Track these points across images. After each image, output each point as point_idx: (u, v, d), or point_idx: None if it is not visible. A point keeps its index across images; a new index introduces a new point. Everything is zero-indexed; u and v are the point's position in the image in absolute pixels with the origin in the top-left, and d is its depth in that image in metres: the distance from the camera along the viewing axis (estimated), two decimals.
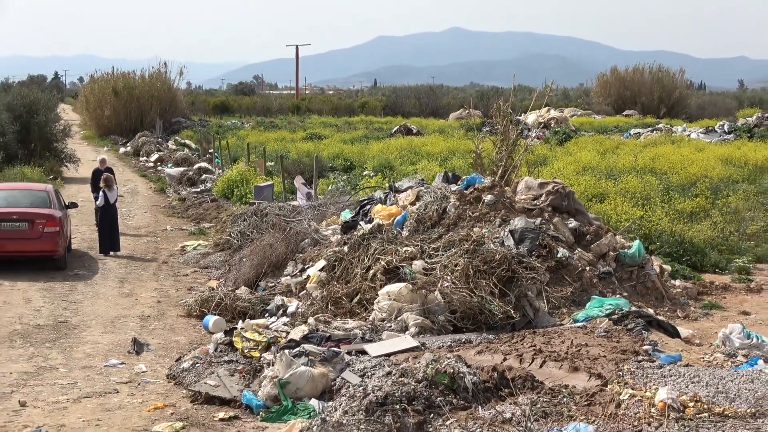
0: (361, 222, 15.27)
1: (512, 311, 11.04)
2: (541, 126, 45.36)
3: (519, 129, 18.56)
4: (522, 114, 26.58)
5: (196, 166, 32.42)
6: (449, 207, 14.10)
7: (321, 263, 13.57)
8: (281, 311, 12.63)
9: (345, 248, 13.44)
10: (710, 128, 42.78)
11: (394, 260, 12.33)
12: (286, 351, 9.58)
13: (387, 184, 18.56)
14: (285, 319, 12.07)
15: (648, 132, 42.13)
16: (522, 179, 15.35)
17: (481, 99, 65.22)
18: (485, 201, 13.99)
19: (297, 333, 10.77)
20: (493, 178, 15.38)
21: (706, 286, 14.39)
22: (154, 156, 39.42)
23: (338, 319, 11.49)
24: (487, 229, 13.12)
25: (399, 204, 15.38)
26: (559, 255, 12.77)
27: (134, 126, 50.82)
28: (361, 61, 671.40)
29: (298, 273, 14.37)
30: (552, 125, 46.76)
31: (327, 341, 10.36)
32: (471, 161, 19.13)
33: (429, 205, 14.29)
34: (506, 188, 14.89)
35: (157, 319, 13.32)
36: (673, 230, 16.96)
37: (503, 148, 16.78)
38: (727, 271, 15.63)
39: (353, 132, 47.70)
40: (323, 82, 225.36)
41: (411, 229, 13.82)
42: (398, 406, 7.88)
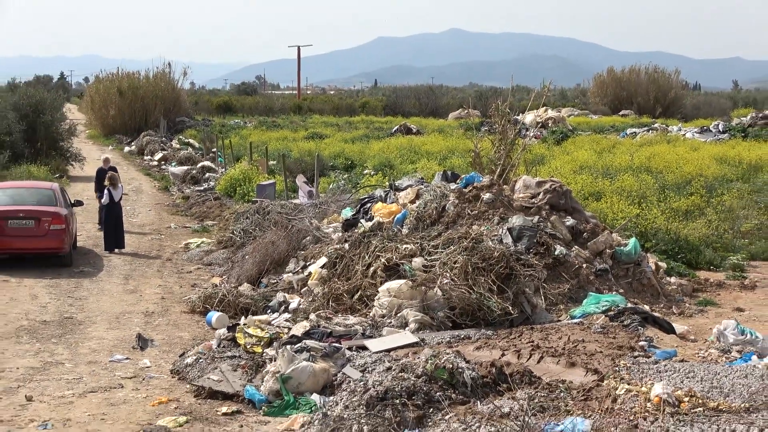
0: (362, 220, 15.27)
1: (510, 308, 11.06)
2: (539, 125, 45.26)
3: (517, 128, 18.56)
4: (520, 114, 26.55)
5: (200, 165, 32.39)
6: (448, 205, 14.11)
7: (322, 260, 13.58)
8: (283, 308, 12.64)
9: (346, 246, 13.45)
10: (705, 128, 42.71)
11: (394, 257, 12.34)
12: (288, 347, 9.59)
13: (387, 183, 18.57)
14: (287, 316, 12.08)
15: (644, 131, 42.09)
16: (520, 178, 15.34)
17: (480, 99, 65.25)
18: (484, 199, 14.00)
19: (299, 329, 10.79)
20: (492, 177, 15.38)
21: (701, 283, 14.41)
22: (158, 155, 39.39)
23: (339, 316, 11.51)
24: (486, 227, 13.13)
25: (399, 202, 15.38)
26: (557, 252, 12.78)
27: (139, 125, 50.74)
28: (362, 62, 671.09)
29: (300, 270, 14.38)
30: (549, 125, 46.69)
31: (328, 337, 10.37)
32: (470, 160, 19.13)
33: (428, 204, 14.29)
34: (504, 187, 14.89)
35: (161, 316, 13.33)
36: (669, 228, 16.97)
37: (501, 148, 16.77)
38: (722, 269, 15.63)
39: (354, 131, 47.65)
40: (325, 83, 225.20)
41: (411, 227, 13.83)
42: (398, 401, 7.89)
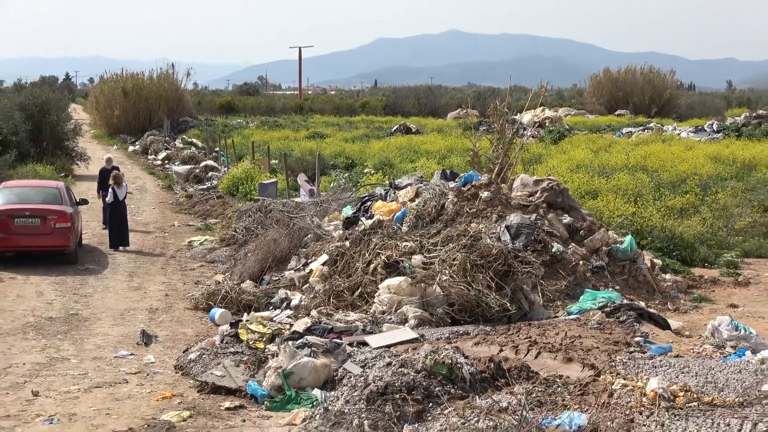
0: (362, 218, 15.27)
1: (508, 304, 11.06)
2: (537, 125, 45.19)
3: (515, 128, 18.55)
4: (518, 113, 26.56)
5: (203, 164, 32.40)
6: (447, 203, 14.10)
7: (323, 258, 13.58)
8: (285, 304, 12.64)
9: (346, 243, 13.44)
10: (700, 127, 42.68)
11: (394, 255, 12.34)
12: (290, 342, 9.60)
13: (387, 182, 18.55)
14: (288, 312, 12.09)
15: (639, 131, 42.07)
16: (518, 176, 15.34)
17: (479, 99, 65.18)
18: (482, 197, 13.99)
19: (300, 325, 10.79)
20: (490, 176, 15.37)
21: (696, 280, 14.41)
22: (162, 154, 39.37)
23: (340, 312, 11.51)
24: (484, 225, 13.13)
25: (399, 200, 15.38)
26: (554, 250, 12.77)
27: (143, 125, 50.68)
28: (362, 63, 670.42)
29: (302, 267, 14.38)
30: (547, 124, 46.66)
31: (329, 333, 10.37)
32: (468, 159, 19.11)
33: (428, 202, 14.29)
34: (502, 185, 14.88)
35: (165, 312, 13.33)
36: (664, 226, 16.97)
37: (500, 147, 16.76)
38: (716, 266, 15.64)
39: (354, 131, 47.62)
40: (325, 83, 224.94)
41: (410, 225, 13.82)
42: (398, 396, 7.90)
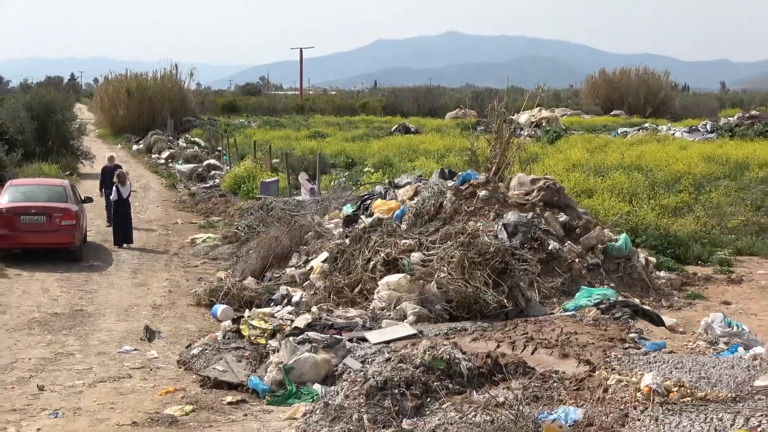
0: (362, 216, 15.26)
1: (505, 301, 11.06)
2: (533, 125, 45.13)
3: (512, 128, 18.51)
4: (515, 114, 26.52)
5: (206, 163, 32.39)
6: (446, 202, 14.10)
7: (324, 255, 13.58)
8: (286, 300, 12.64)
9: (347, 241, 13.44)
10: (694, 127, 42.64)
11: (394, 252, 12.33)
12: (291, 338, 9.60)
13: (387, 180, 18.56)
14: (290, 308, 12.07)
15: (634, 131, 42.03)
16: (515, 176, 15.34)
17: (476, 99, 65.04)
18: (480, 196, 13.99)
19: (301, 321, 10.78)
20: (488, 175, 15.36)
21: (690, 277, 14.41)
22: (166, 153, 39.34)
23: (340, 308, 11.51)
24: (482, 223, 13.13)
25: (398, 199, 15.38)
26: (550, 247, 12.77)
27: (146, 125, 50.65)
28: (362, 64, 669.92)
29: (302, 264, 14.38)
30: (543, 124, 46.61)
31: (329, 329, 10.36)
32: (466, 158, 19.12)
33: (426, 200, 14.28)
34: (500, 184, 14.88)
35: (169, 308, 13.33)
36: (659, 224, 16.98)
37: (497, 146, 16.75)
38: (710, 263, 15.64)
39: (354, 131, 47.58)
40: (326, 83, 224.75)
41: (409, 223, 13.82)
42: (397, 391, 7.89)
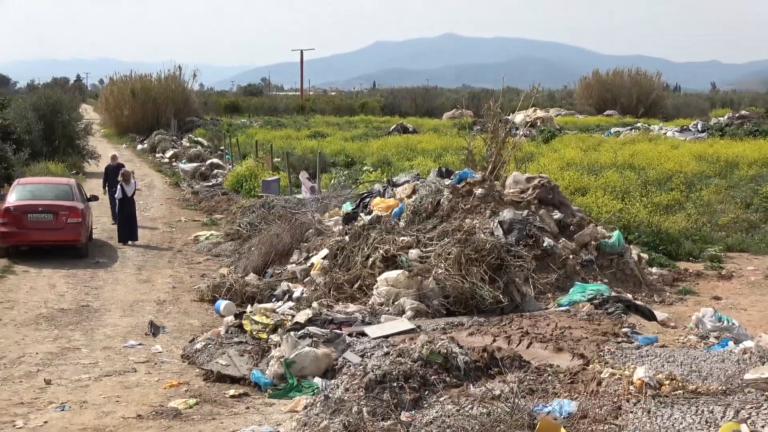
0: (362, 214, 15.25)
1: (501, 296, 11.04)
2: (528, 125, 45.10)
3: (508, 128, 18.51)
4: (510, 114, 26.43)
5: (208, 162, 32.36)
6: (443, 200, 14.09)
7: (324, 252, 13.57)
8: (287, 296, 12.64)
9: (346, 238, 13.43)
10: (685, 127, 42.62)
11: (392, 249, 12.33)
12: (292, 333, 9.59)
13: (385, 179, 18.55)
14: (291, 304, 12.07)
15: (627, 131, 42.02)
16: (510, 174, 15.33)
17: (473, 100, 64.93)
18: (476, 194, 13.99)
19: (302, 316, 10.78)
20: (484, 173, 15.35)
21: (681, 273, 14.41)
22: (169, 152, 39.31)
23: (340, 304, 11.51)
24: (478, 221, 13.12)
25: (396, 197, 15.37)
26: (545, 244, 12.77)
27: (151, 125, 50.61)
28: (361, 65, 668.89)
29: (303, 261, 14.37)
30: (538, 124, 46.58)
31: (329, 324, 10.36)
32: (463, 157, 19.13)
33: (424, 198, 14.28)
34: (496, 182, 14.87)
35: (172, 304, 13.33)
36: (651, 221, 16.97)
37: (493, 146, 16.74)
38: (700, 260, 15.64)
39: (354, 130, 47.54)
40: (326, 84, 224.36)
41: (407, 220, 13.81)
42: (396, 384, 7.88)
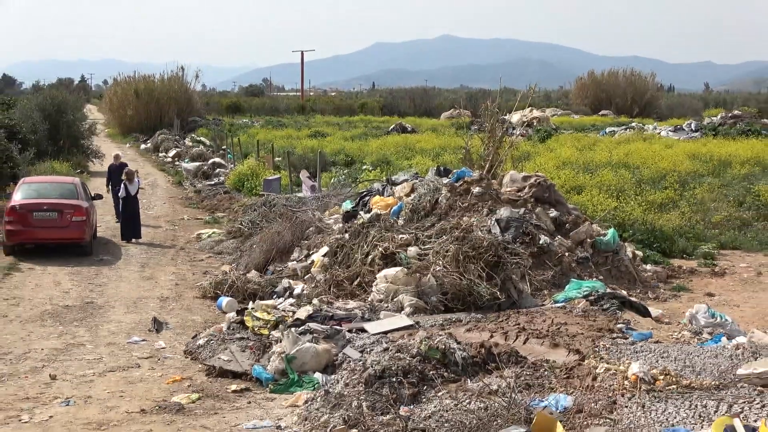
0: (361, 212, 15.25)
1: (498, 293, 11.05)
2: (525, 124, 45.05)
3: (504, 127, 18.51)
4: (507, 114, 26.47)
5: (211, 161, 32.32)
6: (441, 198, 14.09)
7: (324, 249, 13.57)
8: (288, 293, 12.62)
9: (346, 236, 13.43)
10: (679, 127, 42.65)
11: (391, 246, 12.33)
12: (293, 329, 9.59)
13: (384, 178, 18.54)
14: (291, 300, 12.07)
15: (622, 130, 42.03)
16: (507, 173, 15.33)
17: (470, 100, 65.00)
18: (474, 193, 13.98)
19: (302, 313, 10.78)
20: (481, 172, 15.35)
21: (675, 270, 14.41)
22: (172, 152, 39.25)
23: (340, 300, 11.51)
24: (476, 219, 13.11)
25: (395, 195, 15.36)
26: (541, 242, 12.77)
27: (154, 124, 50.53)
28: (361, 66, 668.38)
29: (304, 258, 14.36)
30: (535, 124, 46.56)
31: (330, 320, 10.36)
32: (461, 156, 19.10)
33: (423, 197, 14.27)
34: (493, 181, 14.87)
35: (175, 300, 13.32)
36: (645, 219, 16.97)
37: (490, 145, 16.74)
38: (694, 257, 15.64)
39: (353, 130, 47.52)
40: (326, 85, 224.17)
41: (406, 218, 13.81)
42: (395, 379, 7.89)
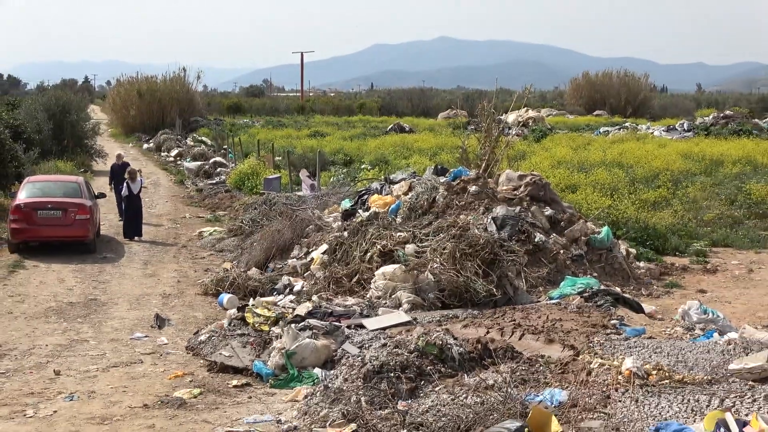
0: (360, 210, 15.24)
1: (494, 290, 11.05)
2: (521, 124, 45.13)
3: (500, 127, 18.50)
4: (503, 114, 26.48)
5: (212, 161, 32.30)
6: (438, 197, 14.08)
7: (323, 247, 13.56)
8: (288, 290, 12.62)
9: (345, 233, 13.42)
10: (671, 127, 42.71)
11: (389, 244, 12.32)
12: (293, 325, 9.58)
13: (382, 177, 18.52)
14: (291, 297, 12.07)
15: (616, 130, 42.09)
16: (503, 172, 15.33)
17: (467, 100, 65.10)
18: (470, 191, 13.97)
19: (302, 309, 10.78)
20: (478, 171, 15.34)
21: (668, 268, 14.41)
22: (174, 151, 39.21)
23: (339, 297, 11.50)
24: (472, 217, 13.11)
25: (393, 194, 15.35)
26: (536, 239, 12.76)
27: (156, 124, 50.51)
28: (360, 67, 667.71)
29: (303, 256, 14.36)
30: (530, 124, 46.56)
31: (329, 316, 10.36)
32: (458, 156, 19.09)
33: (420, 195, 14.26)
34: (489, 180, 14.86)
35: (177, 297, 13.31)
36: (638, 217, 16.97)
37: (486, 144, 16.73)
38: (686, 254, 15.64)
39: (352, 130, 47.52)
40: (325, 86, 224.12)
41: (404, 217, 13.80)
42: (393, 374, 7.88)
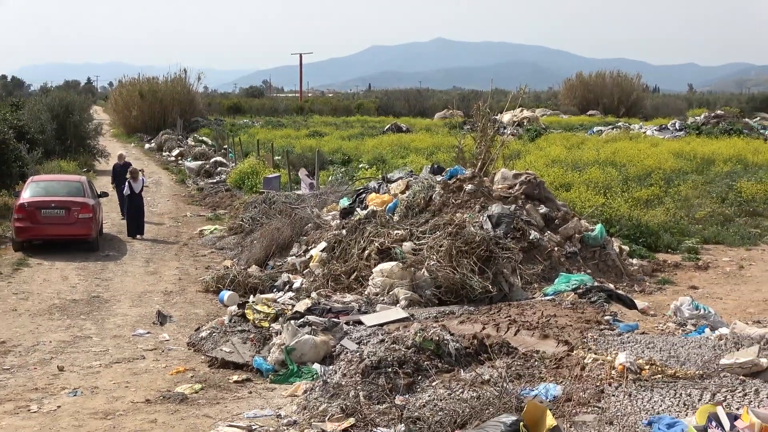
0: (358, 208, 15.23)
1: (490, 286, 11.04)
2: (516, 124, 45.10)
3: (496, 127, 18.51)
4: (498, 114, 26.52)
5: (213, 160, 32.27)
6: (435, 195, 14.07)
7: (322, 245, 13.55)
8: (287, 287, 12.62)
9: (343, 231, 13.41)
10: (663, 126, 42.74)
11: (387, 242, 12.31)
12: (292, 321, 9.58)
13: (380, 175, 18.51)
14: (291, 294, 12.06)
15: (609, 129, 42.13)
16: (498, 171, 15.32)
17: (463, 101, 64.99)
18: (466, 190, 13.97)
19: (301, 306, 10.77)
20: (474, 170, 15.34)
21: (660, 264, 14.42)
22: (176, 151, 39.16)
23: (337, 294, 11.48)
24: (468, 215, 13.10)
25: (391, 192, 15.34)
26: (531, 237, 12.76)
27: (158, 125, 50.43)
28: (357, 68, 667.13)
29: (302, 253, 14.35)
30: (525, 124, 46.58)
31: (328, 313, 10.35)
32: (454, 155, 19.11)
33: (417, 194, 14.25)
34: (485, 179, 14.86)
35: (179, 294, 13.30)
36: (631, 215, 16.98)
37: (482, 144, 16.73)
38: (678, 251, 15.66)
39: (350, 130, 47.50)
40: (324, 86, 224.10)
41: (401, 215, 13.79)
42: (390, 369, 7.88)
